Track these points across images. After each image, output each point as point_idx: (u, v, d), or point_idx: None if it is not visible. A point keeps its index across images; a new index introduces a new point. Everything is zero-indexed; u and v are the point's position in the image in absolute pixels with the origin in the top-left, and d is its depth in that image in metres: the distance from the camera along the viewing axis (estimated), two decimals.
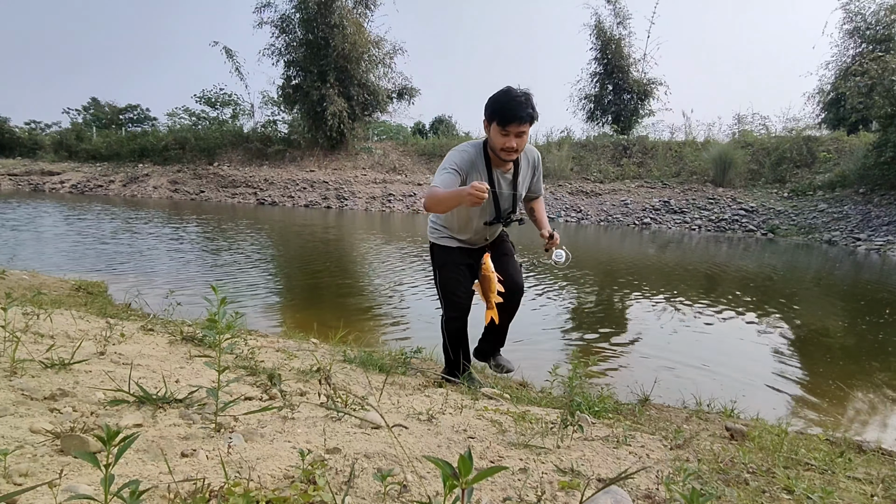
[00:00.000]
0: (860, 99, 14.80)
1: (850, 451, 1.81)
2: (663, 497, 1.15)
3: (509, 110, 2.12)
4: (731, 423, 2.06)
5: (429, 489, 1.00)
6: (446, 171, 2.24)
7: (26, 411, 1.17)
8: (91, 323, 2.45)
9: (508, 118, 2.13)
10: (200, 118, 26.75)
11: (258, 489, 0.90)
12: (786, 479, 1.35)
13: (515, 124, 2.14)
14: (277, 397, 1.54)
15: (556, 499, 1.08)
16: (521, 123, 2.14)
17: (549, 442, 1.49)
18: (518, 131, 2.16)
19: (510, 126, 2.14)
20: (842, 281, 7.75)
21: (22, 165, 21.71)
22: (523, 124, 2.15)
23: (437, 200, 2.10)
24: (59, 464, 0.93)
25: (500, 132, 2.18)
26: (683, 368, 3.51)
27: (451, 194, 2.03)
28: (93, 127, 27.88)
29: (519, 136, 2.18)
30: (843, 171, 15.17)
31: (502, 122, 2.14)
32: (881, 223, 12.43)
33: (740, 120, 19.84)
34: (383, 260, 7.85)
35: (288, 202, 17.75)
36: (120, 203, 15.74)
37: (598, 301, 5.64)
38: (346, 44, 19.39)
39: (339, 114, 19.49)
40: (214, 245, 8.43)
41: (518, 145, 2.20)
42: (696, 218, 15.02)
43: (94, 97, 35.95)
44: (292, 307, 4.92)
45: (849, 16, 18.49)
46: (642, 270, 7.90)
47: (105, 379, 1.50)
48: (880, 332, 4.64)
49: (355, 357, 2.49)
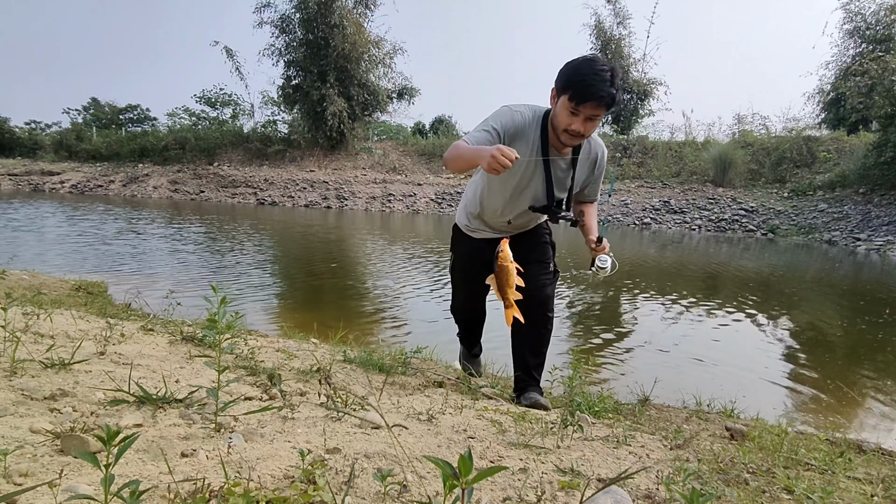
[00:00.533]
0: (860, 99, 14.80)
1: (850, 451, 1.81)
2: (663, 497, 1.15)
3: (589, 86, 1.70)
4: (731, 423, 2.06)
5: (429, 489, 1.00)
6: (485, 128, 1.84)
7: (26, 411, 1.17)
8: (91, 323, 2.45)
9: (585, 95, 1.71)
10: (200, 118, 26.78)
11: (258, 489, 0.90)
12: (786, 479, 1.35)
13: (592, 104, 1.73)
14: (277, 397, 1.54)
15: (556, 499, 1.08)
16: (598, 105, 1.73)
17: (549, 442, 1.49)
18: (592, 114, 1.76)
19: (585, 106, 1.73)
20: (842, 281, 7.75)
21: (22, 165, 21.71)
22: (601, 107, 1.74)
23: (456, 154, 1.77)
24: (59, 464, 0.93)
25: (570, 110, 1.76)
26: (683, 368, 3.51)
27: (472, 151, 1.69)
28: (93, 127, 27.88)
29: (591, 119, 1.78)
30: (843, 171, 15.17)
31: (576, 98, 1.72)
32: (881, 223, 12.43)
33: (740, 120, 19.86)
34: (384, 260, 7.85)
35: (288, 202, 17.75)
36: (120, 203, 15.73)
37: (597, 301, 5.64)
38: (346, 44, 19.40)
39: (339, 114, 19.49)
40: (214, 245, 8.43)
41: (586, 130, 1.80)
42: (696, 218, 15.02)
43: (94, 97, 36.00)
44: (292, 307, 4.92)
45: (849, 16, 18.52)
46: (642, 270, 7.90)
47: (105, 379, 1.50)
48: (880, 332, 4.63)
49: (355, 357, 2.49)
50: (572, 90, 1.73)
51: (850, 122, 17.43)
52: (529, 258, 2.06)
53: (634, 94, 20.69)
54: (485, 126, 1.85)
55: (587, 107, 1.73)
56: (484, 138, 1.79)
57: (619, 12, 20.67)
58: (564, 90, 1.76)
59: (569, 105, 1.75)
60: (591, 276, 2.10)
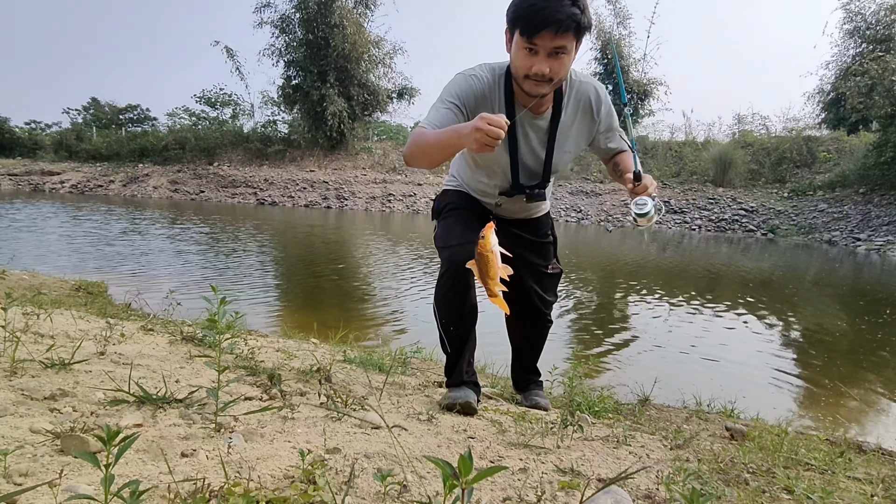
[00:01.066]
0: (860, 99, 14.81)
1: (850, 451, 1.81)
2: (663, 497, 1.15)
3: (541, 9, 1.31)
4: (731, 423, 2.06)
5: (429, 489, 1.00)
6: (443, 106, 1.49)
7: (26, 411, 1.17)
8: (91, 323, 2.45)
9: (538, 22, 1.32)
10: (200, 118, 26.79)
11: (258, 489, 0.90)
12: (786, 479, 1.35)
13: (549, 33, 1.33)
14: (277, 397, 1.54)
15: (556, 499, 1.08)
16: (558, 31, 1.32)
17: (549, 442, 1.49)
18: (553, 46, 1.36)
19: (540, 37, 1.34)
20: (842, 281, 7.75)
21: (22, 165, 21.72)
22: (562, 34, 1.33)
23: (422, 145, 1.42)
24: (59, 464, 0.93)
25: (526, 47, 1.38)
26: (683, 368, 3.51)
27: (444, 136, 1.35)
28: (93, 127, 27.88)
29: (555, 54, 1.38)
30: (843, 171, 15.18)
31: (529, 29, 1.35)
32: (881, 223, 12.43)
33: (740, 120, 19.89)
34: (384, 260, 7.85)
35: (288, 202, 17.75)
36: (120, 203, 15.73)
37: (597, 301, 5.64)
38: (346, 44, 19.41)
39: (339, 114, 19.51)
40: (214, 245, 8.43)
41: (553, 70, 1.39)
42: (696, 218, 15.02)
43: (94, 97, 35.97)
44: (292, 307, 4.92)
45: (849, 16, 18.53)
46: (642, 270, 7.89)
47: (105, 379, 1.50)
48: (880, 332, 4.64)
49: (355, 357, 2.49)
50: (522, 21, 1.36)
51: (850, 122, 17.43)
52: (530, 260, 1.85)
53: (634, 94, 20.68)
54: (442, 104, 1.50)
55: (544, 37, 1.34)
56: (447, 117, 1.46)
57: (620, 12, 20.69)
58: (514, 24, 1.40)
59: (523, 42, 1.38)
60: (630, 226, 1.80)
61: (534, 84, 1.43)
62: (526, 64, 1.40)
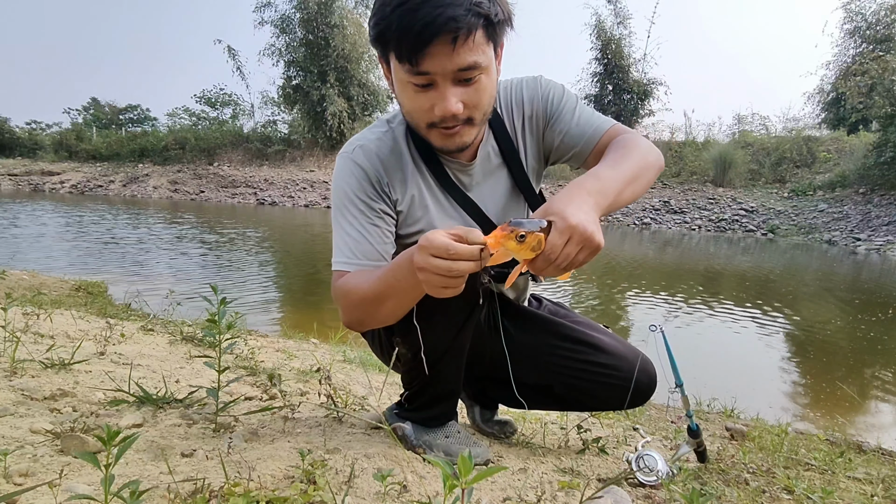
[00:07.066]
0: (860, 99, 14.83)
1: (850, 451, 1.81)
2: (663, 497, 1.15)
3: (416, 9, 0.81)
4: (731, 423, 2.06)
5: (429, 489, 1.00)
6: (352, 222, 1.02)
7: (26, 411, 1.17)
8: (91, 323, 2.45)
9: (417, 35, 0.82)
10: (200, 118, 26.86)
11: (258, 489, 0.90)
12: (786, 479, 1.35)
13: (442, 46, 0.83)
14: (277, 397, 1.54)
15: (556, 499, 1.08)
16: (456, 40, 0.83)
17: (548, 442, 1.49)
18: (456, 67, 0.86)
19: (428, 57, 0.85)
20: (842, 281, 7.75)
21: (22, 165, 21.73)
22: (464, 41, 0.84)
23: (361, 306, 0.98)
24: (59, 464, 0.93)
25: (410, 80, 0.89)
26: (683, 368, 3.51)
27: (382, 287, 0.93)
28: (93, 127, 27.93)
29: (460, 81, 0.89)
30: (843, 171, 15.17)
31: (407, 50, 0.85)
32: (881, 223, 12.42)
33: (740, 120, 19.89)
34: None
35: (288, 202, 17.76)
36: (120, 203, 15.74)
37: (597, 300, 5.64)
38: (347, 44, 19.44)
39: (339, 114, 19.53)
40: (215, 245, 8.43)
41: (469, 103, 0.91)
42: (696, 218, 15.02)
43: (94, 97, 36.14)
44: (293, 307, 4.92)
45: (849, 15, 18.54)
46: (642, 270, 7.90)
47: (105, 379, 1.50)
48: (880, 332, 4.64)
49: (355, 357, 2.49)
50: (395, 39, 0.86)
51: (850, 122, 17.45)
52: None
53: (635, 94, 20.69)
54: (349, 217, 1.03)
55: (436, 56, 0.84)
56: (369, 235, 1.01)
57: (620, 12, 20.69)
58: (384, 45, 0.90)
59: (406, 73, 0.88)
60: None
61: (444, 135, 0.95)
62: (421, 106, 0.92)
